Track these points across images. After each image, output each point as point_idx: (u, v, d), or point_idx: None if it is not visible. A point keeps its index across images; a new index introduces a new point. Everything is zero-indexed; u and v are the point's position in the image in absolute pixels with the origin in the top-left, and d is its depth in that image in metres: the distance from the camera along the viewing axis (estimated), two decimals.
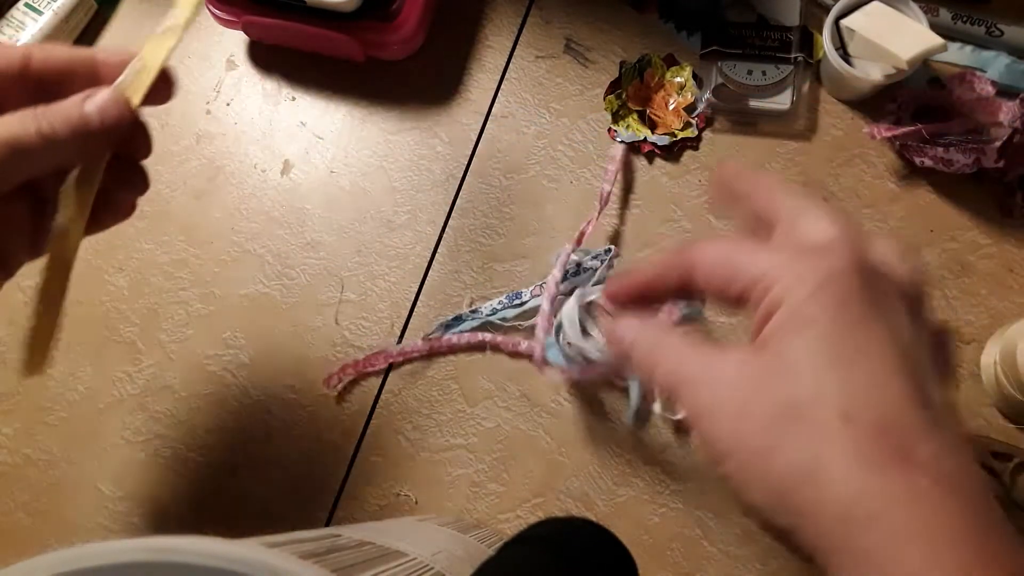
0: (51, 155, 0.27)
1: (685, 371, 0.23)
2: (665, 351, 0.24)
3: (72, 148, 0.27)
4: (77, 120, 0.27)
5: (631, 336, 0.26)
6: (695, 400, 0.22)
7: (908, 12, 0.46)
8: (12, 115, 0.26)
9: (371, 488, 0.46)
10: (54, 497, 0.47)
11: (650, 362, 0.24)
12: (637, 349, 0.25)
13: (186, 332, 0.49)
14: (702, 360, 0.23)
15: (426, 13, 0.50)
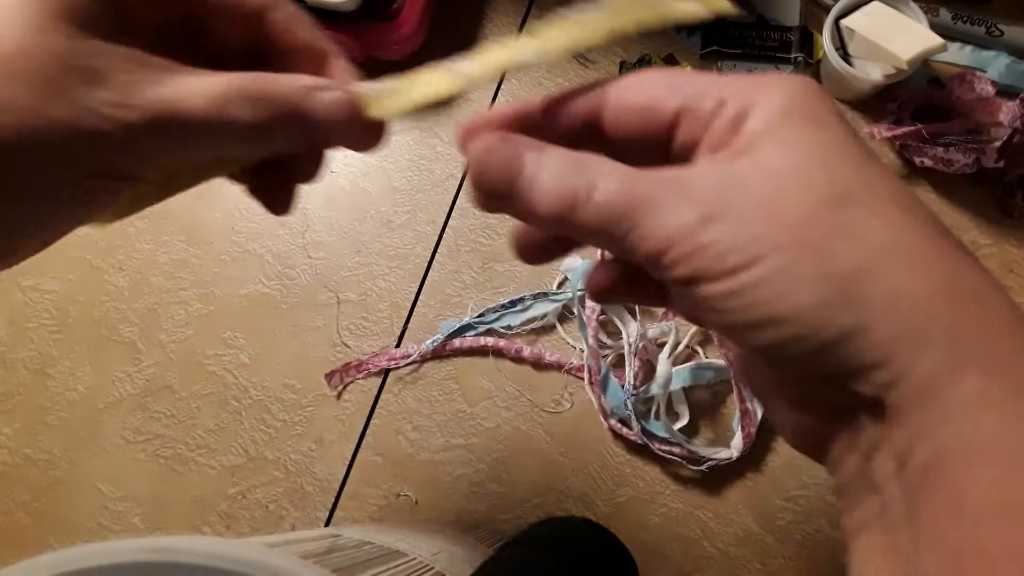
0: (229, 139, 0.21)
1: (643, 189, 0.17)
2: (602, 166, 0.18)
3: (255, 136, 0.21)
4: (292, 108, 0.21)
5: (527, 160, 0.19)
6: (676, 217, 0.17)
7: (908, 12, 0.46)
8: (212, 76, 0.20)
9: (371, 488, 0.46)
10: (54, 497, 0.47)
11: (576, 181, 0.18)
12: (546, 165, 0.18)
13: (186, 332, 0.49)
14: (662, 174, 0.17)
15: (426, 13, 0.50)
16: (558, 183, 0.18)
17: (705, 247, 0.16)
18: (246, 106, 0.20)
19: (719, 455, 0.44)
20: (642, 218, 0.17)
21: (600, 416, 0.45)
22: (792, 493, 0.44)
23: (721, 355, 0.43)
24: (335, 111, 0.21)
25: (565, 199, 0.18)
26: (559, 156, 0.19)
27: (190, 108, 0.19)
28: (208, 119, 0.19)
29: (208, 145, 0.20)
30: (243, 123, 0.20)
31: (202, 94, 0.19)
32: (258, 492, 0.46)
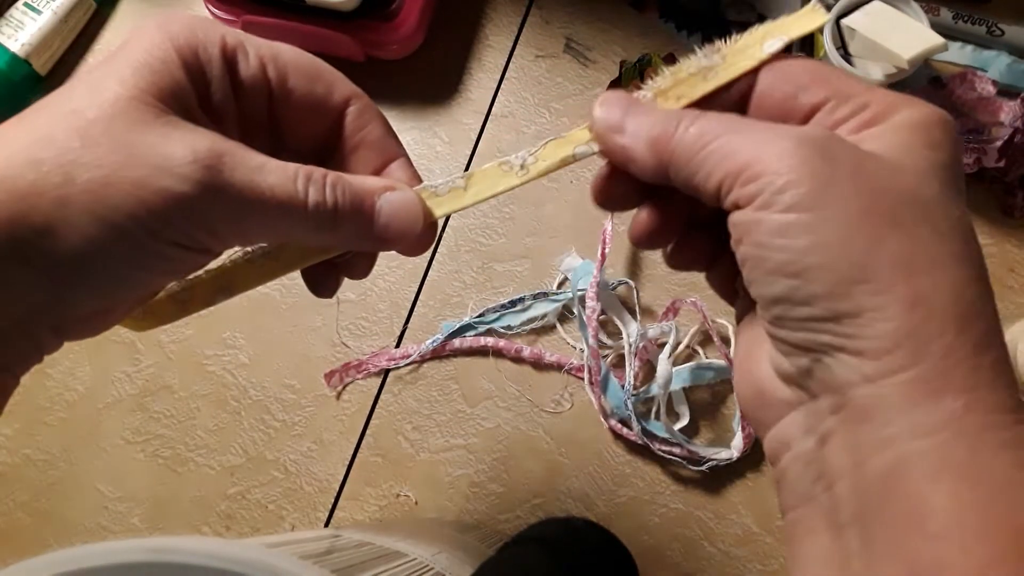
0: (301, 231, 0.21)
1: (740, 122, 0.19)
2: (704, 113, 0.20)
3: (324, 225, 0.21)
4: (364, 213, 0.21)
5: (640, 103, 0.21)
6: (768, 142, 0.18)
7: (909, 11, 0.46)
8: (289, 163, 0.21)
9: (371, 488, 0.46)
10: (54, 497, 0.47)
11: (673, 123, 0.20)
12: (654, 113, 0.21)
13: (186, 332, 0.49)
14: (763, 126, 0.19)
15: (426, 13, 0.50)
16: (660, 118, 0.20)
17: (780, 172, 0.17)
18: (319, 192, 0.21)
19: (719, 455, 0.44)
20: (731, 139, 0.18)
21: (600, 416, 0.45)
22: None
23: (721, 355, 0.43)
24: (401, 212, 0.22)
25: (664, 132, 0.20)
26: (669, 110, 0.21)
27: (265, 183, 0.20)
28: (281, 196, 0.20)
29: (277, 224, 0.21)
30: (314, 206, 0.21)
31: (279, 176, 0.20)
32: (258, 492, 0.46)
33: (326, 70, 0.23)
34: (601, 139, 0.22)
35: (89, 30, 0.55)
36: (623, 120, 0.21)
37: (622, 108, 0.21)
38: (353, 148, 0.23)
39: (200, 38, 0.20)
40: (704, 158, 0.19)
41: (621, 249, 0.49)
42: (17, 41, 0.52)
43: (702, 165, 0.19)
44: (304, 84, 0.22)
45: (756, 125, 0.19)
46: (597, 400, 0.45)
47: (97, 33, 0.56)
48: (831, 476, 0.17)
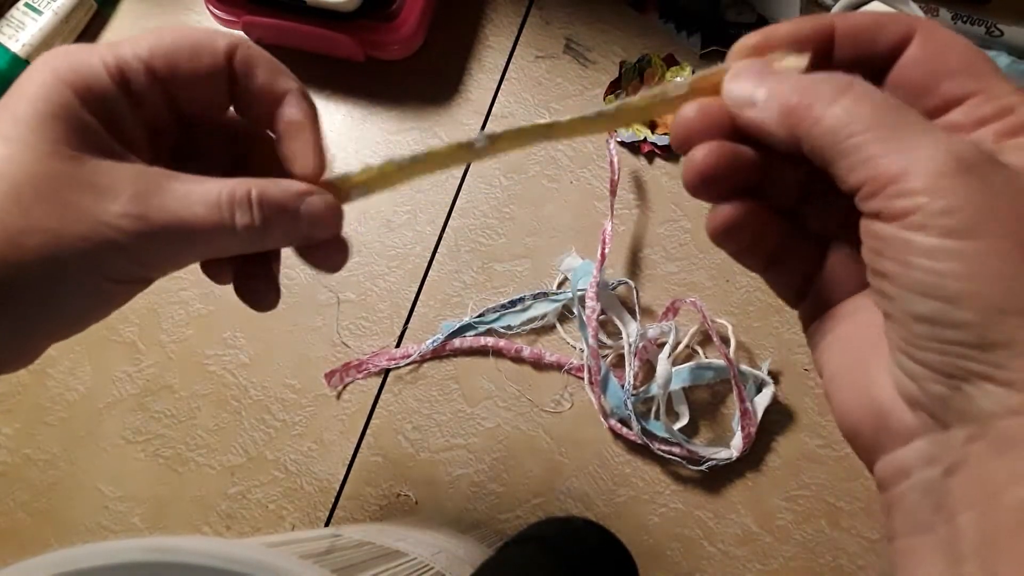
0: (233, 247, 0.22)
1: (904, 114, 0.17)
2: (859, 81, 0.18)
3: (254, 239, 0.22)
4: (290, 221, 0.22)
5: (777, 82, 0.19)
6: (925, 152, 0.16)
7: (908, 12, 0.46)
8: (211, 183, 0.21)
9: (371, 488, 0.46)
10: (54, 497, 0.47)
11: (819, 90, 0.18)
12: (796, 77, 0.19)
13: (186, 332, 0.49)
14: (917, 116, 0.17)
15: (426, 13, 0.50)
16: (805, 88, 0.18)
17: (941, 192, 0.16)
18: (245, 212, 0.22)
19: (719, 455, 0.44)
20: (886, 138, 0.17)
21: (600, 416, 0.45)
22: (792, 493, 0.44)
23: (721, 355, 0.43)
24: (319, 212, 0.23)
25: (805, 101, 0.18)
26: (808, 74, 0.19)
27: (193, 216, 0.21)
28: (210, 225, 0.21)
29: (211, 247, 0.22)
30: (242, 228, 0.22)
31: (203, 202, 0.21)
32: (258, 492, 0.46)
33: (202, 33, 0.23)
34: (736, 115, 0.20)
35: (90, 30, 0.55)
36: (754, 92, 0.19)
37: (754, 79, 0.20)
38: (249, 100, 0.24)
39: (85, 69, 0.21)
40: (846, 151, 0.17)
41: (621, 249, 0.49)
42: (18, 41, 0.52)
43: (843, 156, 0.17)
44: (188, 57, 0.22)
45: (908, 123, 0.17)
46: (597, 400, 0.45)
47: (98, 33, 0.56)
48: (954, 507, 0.16)
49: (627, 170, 0.50)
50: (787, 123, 0.18)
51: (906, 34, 0.20)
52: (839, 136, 0.17)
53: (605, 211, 0.48)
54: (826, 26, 0.20)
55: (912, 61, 0.19)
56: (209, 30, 0.23)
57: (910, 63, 0.19)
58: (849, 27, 0.20)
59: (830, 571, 0.43)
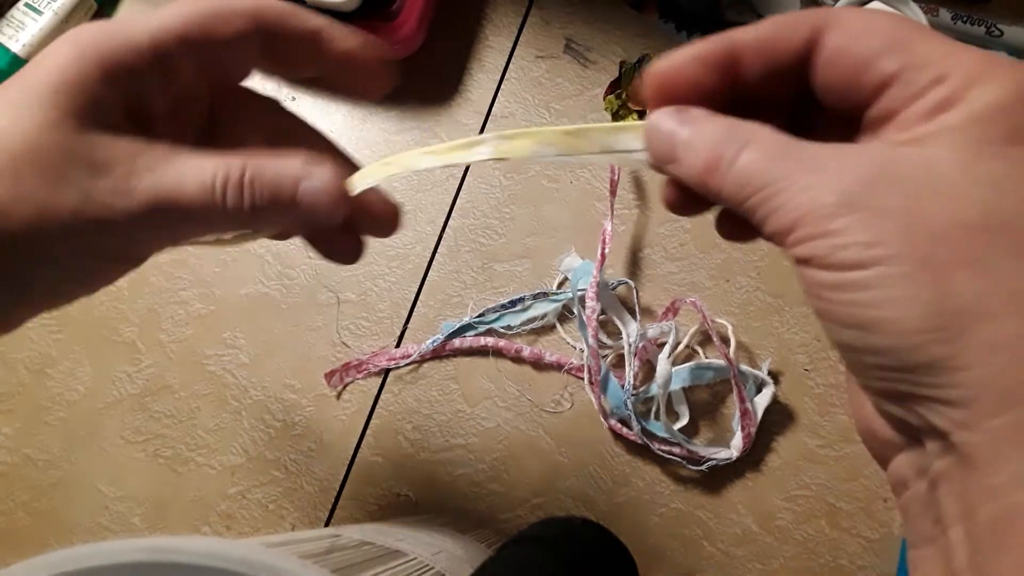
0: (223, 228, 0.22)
1: (787, 165, 0.17)
2: (755, 136, 0.18)
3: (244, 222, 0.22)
4: (282, 204, 0.22)
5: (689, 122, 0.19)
6: (811, 197, 0.16)
7: (908, 12, 0.46)
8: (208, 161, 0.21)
9: (371, 488, 0.46)
10: (54, 497, 0.47)
11: (725, 148, 0.18)
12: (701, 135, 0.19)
13: (186, 332, 0.49)
14: (818, 151, 0.17)
15: (426, 13, 0.50)
16: (709, 149, 0.19)
17: (828, 233, 0.16)
18: (236, 194, 0.21)
19: (719, 455, 0.44)
20: (779, 191, 0.17)
21: (600, 416, 0.45)
22: (792, 493, 0.44)
23: (721, 355, 0.43)
24: (321, 197, 0.22)
25: (710, 164, 0.18)
26: (720, 122, 0.19)
27: (184, 196, 0.21)
28: (200, 207, 0.21)
29: (200, 228, 0.22)
30: (232, 210, 0.21)
31: (196, 181, 0.21)
32: (258, 492, 0.46)
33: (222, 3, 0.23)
34: (661, 171, 0.21)
35: None
36: (671, 149, 0.20)
37: (666, 141, 0.20)
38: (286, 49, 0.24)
39: (117, 42, 0.21)
40: (753, 208, 0.18)
41: (621, 249, 0.49)
42: (18, 42, 0.52)
43: (752, 214, 0.18)
44: (221, 23, 0.22)
45: (801, 164, 0.17)
46: (597, 400, 0.45)
47: None
48: (945, 521, 0.16)
49: (627, 170, 0.50)
50: (703, 185, 0.19)
51: (813, 32, 0.19)
52: (741, 196, 0.18)
53: (605, 211, 0.48)
54: (726, 44, 0.19)
55: (830, 56, 0.18)
56: None
57: (829, 59, 0.19)
58: (751, 40, 0.19)
59: (830, 571, 0.43)
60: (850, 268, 0.16)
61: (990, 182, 0.16)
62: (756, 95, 0.20)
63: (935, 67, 0.17)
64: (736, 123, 0.19)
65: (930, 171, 0.16)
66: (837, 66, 0.18)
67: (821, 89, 0.19)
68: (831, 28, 0.18)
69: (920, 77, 0.17)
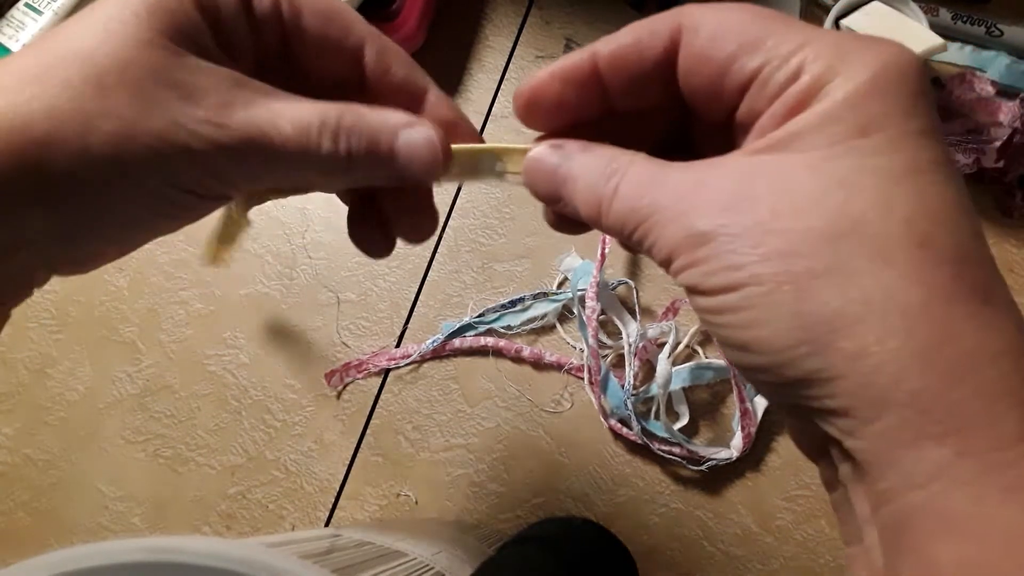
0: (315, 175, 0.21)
1: (657, 198, 0.17)
2: (626, 174, 0.18)
3: (338, 168, 0.21)
4: (379, 156, 0.21)
5: (565, 162, 0.19)
6: (681, 229, 0.17)
7: (908, 12, 0.46)
8: (305, 104, 0.20)
9: (371, 488, 0.46)
10: (54, 497, 0.47)
11: (603, 191, 0.18)
12: (580, 177, 0.19)
13: (186, 332, 0.49)
14: (685, 176, 0.17)
15: (426, 13, 0.50)
16: (588, 191, 0.19)
17: (698, 262, 0.16)
18: (332, 138, 0.20)
19: (719, 455, 0.44)
20: (653, 226, 0.17)
21: (600, 416, 0.45)
22: (792, 493, 0.44)
23: (720, 355, 0.43)
24: (420, 150, 0.21)
25: (592, 207, 0.19)
26: (594, 160, 0.19)
27: (278, 134, 0.19)
28: (294, 147, 0.20)
29: (292, 172, 0.21)
30: (327, 155, 0.20)
31: (292, 121, 0.20)
32: (258, 492, 0.46)
33: (343, 11, 0.22)
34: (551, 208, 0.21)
35: None
36: (554, 189, 0.20)
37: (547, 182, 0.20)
38: (381, 91, 0.23)
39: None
40: (638, 241, 0.18)
41: (621, 249, 0.49)
42: (18, 42, 0.52)
43: (639, 246, 0.18)
44: (318, 24, 0.22)
45: (670, 191, 0.17)
46: (597, 400, 0.45)
47: None
48: (859, 523, 0.17)
49: None
50: (591, 221, 0.19)
51: (672, 37, 0.18)
52: (626, 234, 0.18)
53: None
54: (587, 59, 0.19)
55: (690, 63, 0.18)
56: (355, 13, 0.22)
57: (689, 67, 0.18)
58: (610, 53, 0.19)
59: (830, 571, 0.43)
60: (719, 292, 0.16)
61: (839, 183, 0.15)
62: (631, 107, 0.20)
63: (790, 63, 0.16)
64: (609, 156, 0.19)
65: (784, 181, 0.16)
66: (698, 73, 0.18)
67: (688, 97, 0.19)
68: (686, 32, 0.18)
69: (777, 75, 0.17)
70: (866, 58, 0.16)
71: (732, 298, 0.16)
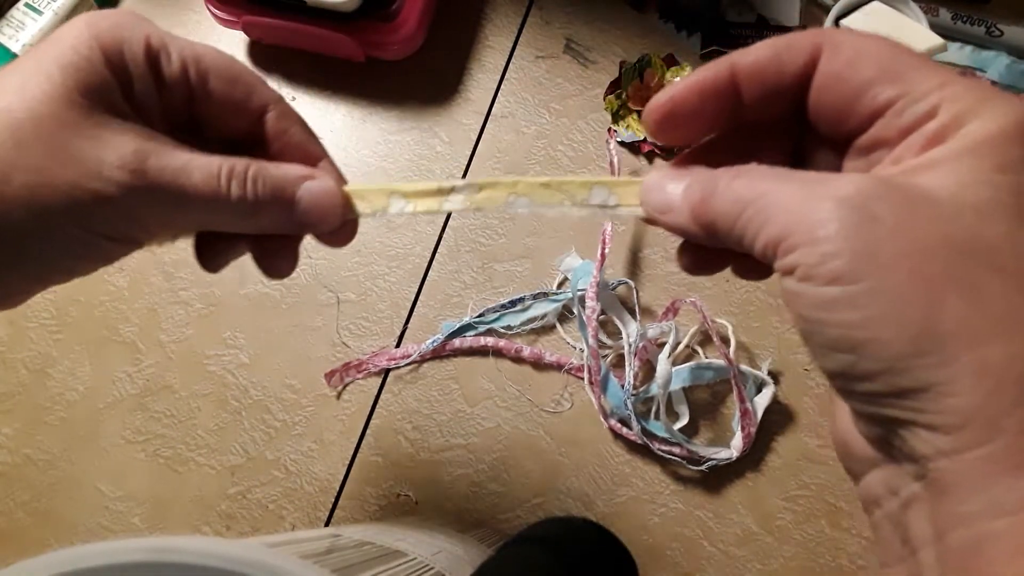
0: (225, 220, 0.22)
1: (779, 183, 0.17)
2: (742, 172, 0.18)
3: (245, 213, 0.22)
4: (283, 202, 0.23)
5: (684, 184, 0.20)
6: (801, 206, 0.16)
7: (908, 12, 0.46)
8: (213, 157, 0.22)
9: (371, 488, 0.46)
10: (54, 497, 0.47)
11: (714, 183, 0.19)
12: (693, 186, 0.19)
13: (186, 332, 0.49)
14: (807, 175, 0.17)
15: (426, 13, 0.50)
16: (701, 183, 0.19)
17: (819, 240, 0.16)
18: (240, 185, 0.22)
19: (719, 455, 0.44)
20: (769, 203, 0.17)
21: (600, 416, 0.45)
22: (792, 493, 0.44)
23: (721, 355, 0.43)
24: (320, 200, 0.23)
25: (705, 194, 0.19)
26: (711, 170, 0.19)
27: (188, 180, 0.21)
28: (205, 192, 0.21)
29: (201, 217, 0.22)
30: (236, 200, 0.22)
31: (201, 169, 0.21)
32: (258, 492, 0.46)
33: (246, 73, 0.23)
34: (656, 223, 0.21)
35: None
36: (666, 198, 0.20)
37: (664, 191, 0.21)
38: (278, 150, 0.24)
39: (125, 36, 0.21)
40: (745, 225, 0.18)
41: (621, 249, 0.49)
42: (18, 42, 0.52)
43: (744, 231, 0.18)
44: (223, 87, 0.23)
45: (795, 182, 0.17)
46: (597, 400, 0.45)
47: None
48: (915, 543, 0.16)
49: (627, 170, 0.50)
50: (698, 221, 0.19)
51: (812, 54, 0.18)
52: (734, 215, 0.18)
53: None
54: (725, 71, 0.19)
55: (825, 81, 0.18)
56: (257, 76, 0.24)
57: (823, 85, 0.19)
58: (750, 65, 0.19)
59: (830, 571, 0.43)
60: (836, 280, 0.15)
61: (977, 208, 0.15)
62: (755, 120, 0.21)
63: (928, 100, 0.17)
64: (728, 169, 0.19)
65: (922, 196, 0.16)
66: (831, 92, 0.18)
67: (814, 114, 0.19)
68: (827, 52, 0.18)
69: (914, 109, 0.17)
70: (1003, 107, 0.16)
71: (853, 290, 0.15)
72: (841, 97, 0.18)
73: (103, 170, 0.20)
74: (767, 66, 0.19)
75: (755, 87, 0.19)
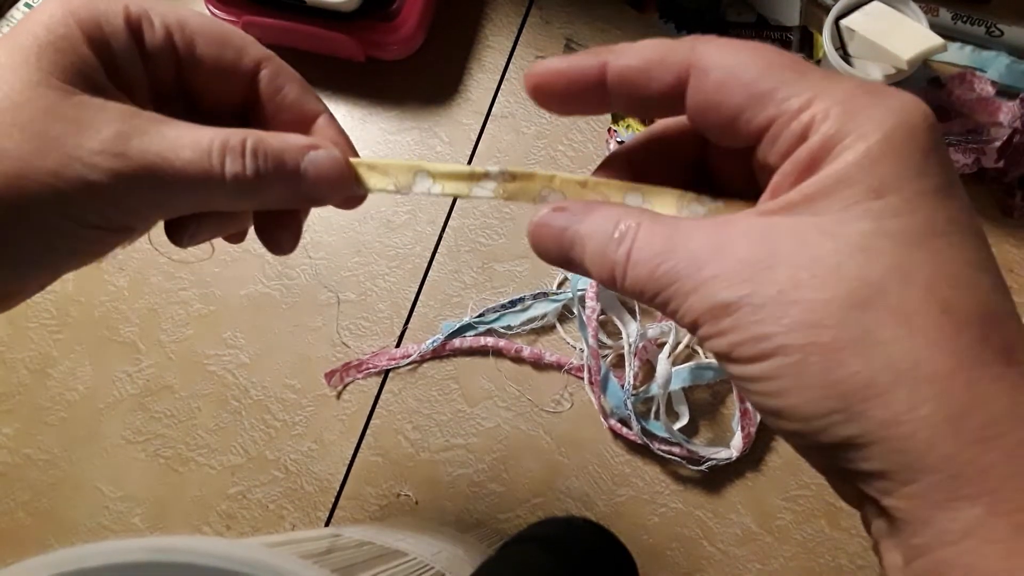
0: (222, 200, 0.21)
1: (673, 266, 0.17)
2: (636, 238, 0.18)
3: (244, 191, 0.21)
4: (288, 176, 0.21)
5: (572, 225, 0.19)
6: (702, 299, 0.16)
7: (908, 12, 0.46)
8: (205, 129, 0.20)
9: (371, 488, 0.46)
10: (54, 497, 0.47)
11: (615, 257, 0.18)
12: (588, 241, 0.19)
13: (186, 332, 0.49)
14: (701, 240, 0.17)
15: (426, 13, 0.50)
16: (599, 256, 0.18)
17: (725, 332, 0.16)
18: (236, 160, 0.20)
19: (719, 455, 0.44)
20: (674, 295, 0.17)
21: (600, 416, 0.45)
22: (792, 493, 0.44)
23: None
24: (328, 171, 0.21)
25: (606, 273, 0.18)
26: (601, 222, 0.19)
27: (178, 159, 0.19)
28: (195, 171, 0.20)
29: (195, 198, 0.21)
30: (231, 177, 0.20)
31: (191, 146, 0.20)
32: (258, 492, 0.46)
33: (235, 34, 0.22)
34: None
35: None
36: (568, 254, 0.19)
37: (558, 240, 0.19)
38: (273, 112, 0.23)
39: (102, 8, 0.20)
40: (660, 307, 0.18)
41: None
42: None
43: (663, 310, 0.18)
44: (213, 50, 0.22)
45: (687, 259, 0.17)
46: (597, 400, 0.45)
47: None
48: (889, 571, 0.17)
49: None
50: (606, 286, 0.19)
51: (679, 76, 0.18)
52: (646, 300, 0.18)
53: None
54: (595, 68, 0.19)
55: (697, 107, 0.18)
56: (246, 35, 0.22)
57: (696, 109, 0.18)
58: (619, 70, 0.19)
59: (830, 571, 0.43)
60: (749, 361, 0.16)
61: (856, 248, 0.15)
62: None
63: (800, 120, 0.16)
64: (615, 217, 0.18)
65: (802, 247, 0.16)
66: (706, 116, 0.18)
67: (699, 130, 0.19)
68: (694, 76, 0.18)
69: (784, 134, 0.16)
70: (876, 116, 0.16)
71: (762, 367, 0.16)
72: (716, 123, 0.18)
73: (85, 156, 0.19)
74: (636, 77, 0.18)
75: (622, 94, 0.19)
